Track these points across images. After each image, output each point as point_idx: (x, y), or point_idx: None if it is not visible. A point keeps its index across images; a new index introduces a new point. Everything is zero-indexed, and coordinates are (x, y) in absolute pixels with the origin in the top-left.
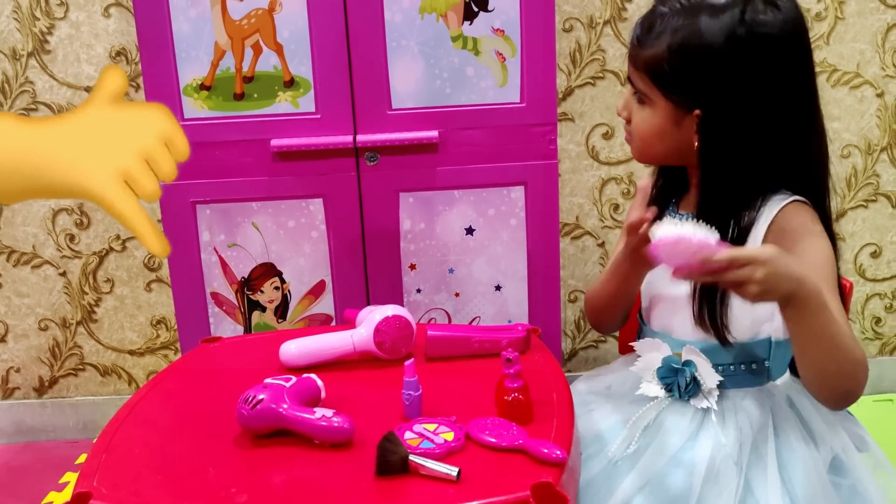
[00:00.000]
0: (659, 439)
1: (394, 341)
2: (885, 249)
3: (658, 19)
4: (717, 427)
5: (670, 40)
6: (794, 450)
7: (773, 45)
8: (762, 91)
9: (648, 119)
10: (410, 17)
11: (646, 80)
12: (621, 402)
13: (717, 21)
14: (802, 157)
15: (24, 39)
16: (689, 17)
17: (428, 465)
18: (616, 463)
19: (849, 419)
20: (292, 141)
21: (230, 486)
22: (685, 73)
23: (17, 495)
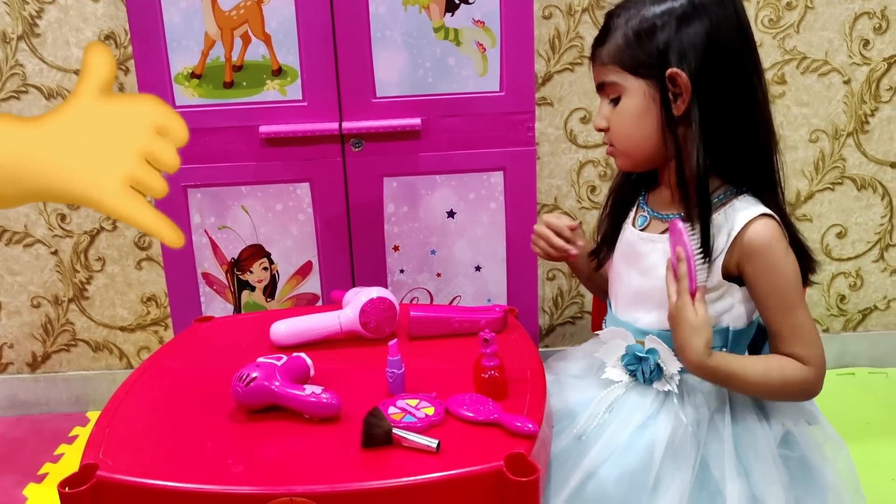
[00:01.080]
0: (623, 416)
1: (378, 322)
2: (850, 230)
3: (612, 20)
4: (678, 406)
5: (626, 27)
6: (748, 427)
7: (715, 16)
8: (712, 57)
9: (626, 107)
10: (394, 9)
11: (615, 69)
12: (591, 381)
13: (663, 4)
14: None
15: (14, 23)
16: (638, 7)
17: (410, 438)
18: (583, 437)
19: None
20: (280, 127)
21: (226, 458)
22: (645, 46)
23: (13, 466)
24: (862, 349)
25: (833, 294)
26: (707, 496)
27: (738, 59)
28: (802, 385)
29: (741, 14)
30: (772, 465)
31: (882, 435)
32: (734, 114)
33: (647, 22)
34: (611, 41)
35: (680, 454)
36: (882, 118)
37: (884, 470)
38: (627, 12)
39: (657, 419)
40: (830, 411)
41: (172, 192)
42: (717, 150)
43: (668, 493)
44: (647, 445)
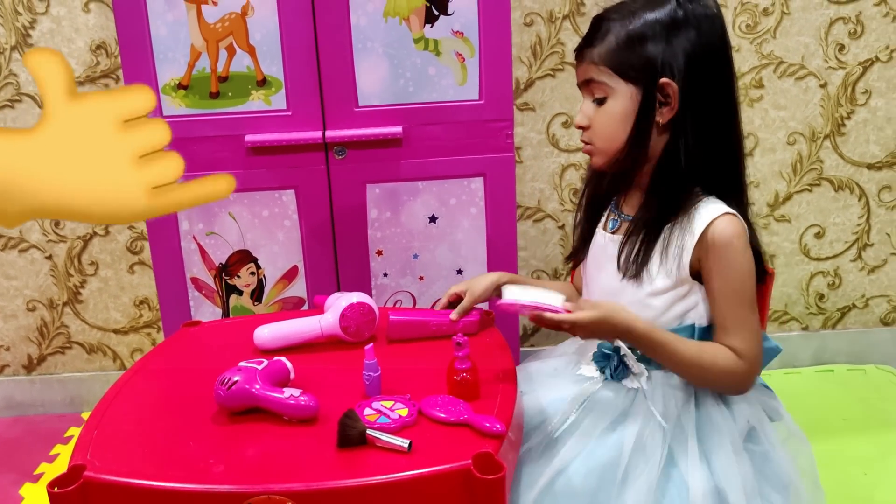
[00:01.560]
0: (594, 414)
1: (358, 326)
2: (828, 230)
3: (603, 22)
4: (646, 404)
5: (619, 31)
6: (713, 422)
7: (702, 29)
8: (698, 68)
9: (611, 109)
10: (375, 21)
11: (605, 70)
12: (564, 381)
13: (656, 11)
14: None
15: (7, 34)
16: (631, 13)
17: (383, 438)
18: (556, 434)
19: (765, 393)
20: (265, 136)
21: (208, 458)
22: (638, 52)
23: (10, 466)
24: (840, 347)
25: (812, 293)
26: (673, 488)
27: (722, 70)
28: (731, 376)
29: (724, 26)
30: (734, 459)
31: (857, 431)
32: (716, 122)
33: (642, 29)
34: (603, 43)
35: (648, 448)
36: (858, 121)
37: (857, 465)
38: (622, 17)
39: (626, 417)
40: (809, 407)
41: None
42: (695, 156)
43: (636, 485)
44: (617, 441)
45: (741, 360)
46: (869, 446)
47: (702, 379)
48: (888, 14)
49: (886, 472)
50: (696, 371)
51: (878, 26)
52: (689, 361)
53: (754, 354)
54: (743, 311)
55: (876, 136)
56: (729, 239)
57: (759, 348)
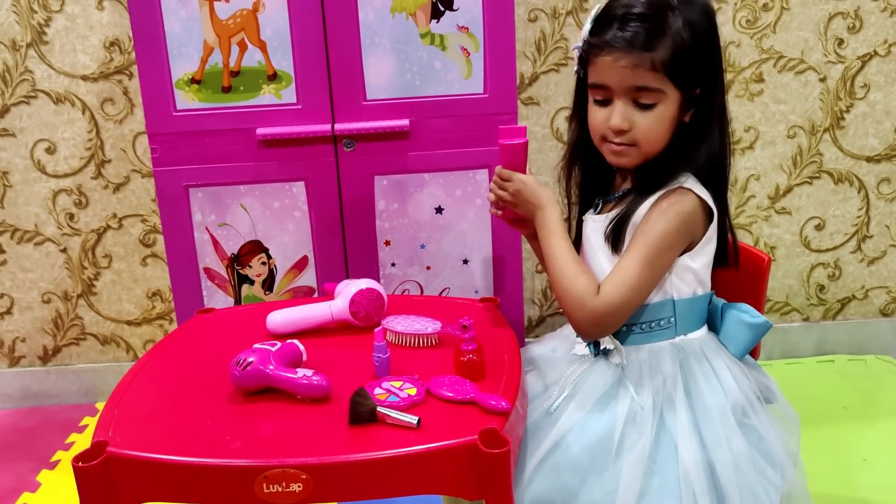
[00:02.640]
0: (586, 389)
1: (367, 311)
2: (828, 223)
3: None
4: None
5: (675, 37)
6: (703, 394)
7: (712, 23)
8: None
9: (662, 114)
10: (382, 16)
11: (662, 78)
12: (561, 361)
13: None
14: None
15: (24, 31)
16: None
17: (392, 415)
18: (552, 409)
19: (758, 370)
20: (276, 129)
21: (225, 435)
22: (695, 62)
23: (28, 454)
24: (841, 337)
25: (812, 284)
26: (666, 457)
27: (719, 59)
28: (578, 302)
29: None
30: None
31: (857, 419)
32: (717, 119)
33: (691, 34)
34: (659, 48)
35: (639, 421)
36: (857, 114)
37: (857, 451)
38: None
39: (617, 390)
40: (810, 396)
41: (174, 191)
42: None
43: (631, 455)
44: (610, 414)
45: (597, 296)
46: (869, 433)
47: (557, 286)
48: (886, 9)
49: (885, 458)
50: (555, 280)
51: (876, 21)
52: (557, 265)
53: (611, 300)
54: (634, 264)
55: (875, 130)
56: (664, 202)
57: (622, 303)
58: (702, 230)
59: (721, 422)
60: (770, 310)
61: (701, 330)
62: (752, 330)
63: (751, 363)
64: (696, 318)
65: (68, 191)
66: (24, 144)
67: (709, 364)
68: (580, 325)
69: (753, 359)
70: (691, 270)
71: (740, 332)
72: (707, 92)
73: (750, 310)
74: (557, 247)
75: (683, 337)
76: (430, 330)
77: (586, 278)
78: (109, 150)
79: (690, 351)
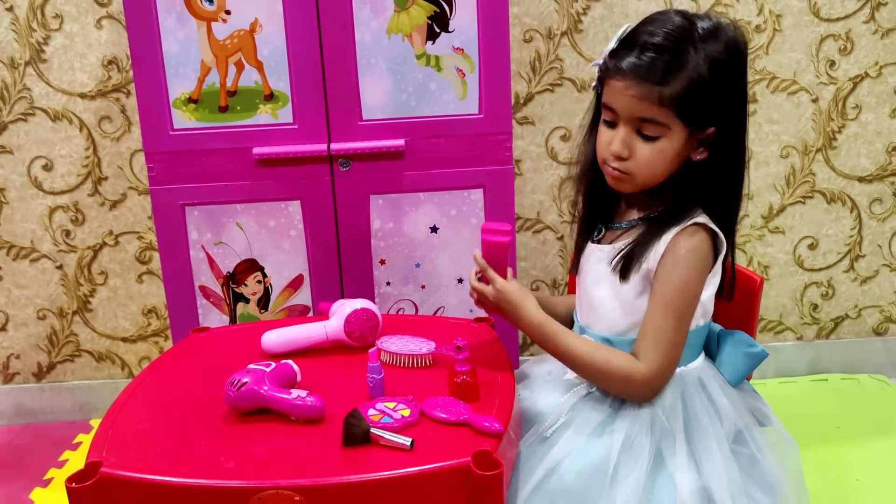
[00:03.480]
0: (583, 416)
1: (362, 331)
2: (822, 242)
3: (664, 55)
4: (634, 406)
5: (692, 73)
6: (701, 424)
7: (739, 61)
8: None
9: (664, 148)
10: (379, 37)
11: (670, 113)
12: (557, 384)
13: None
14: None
15: (22, 49)
16: (690, 51)
17: (386, 437)
18: (547, 435)
19: (754, 397)
20: (272, 149)
21: (219, 455)
22: (709, 101)
23: (21, 472)
24: (834, 356)
25: (806, 303)
26: (662, 487)
27: (745, 99)
28: (625, 379)
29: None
30: (720, 460)
31: (851, 438)
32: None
33: (709, 73)
34: (672, 82)
35: (636, 448)
36: (849, 135)
37: (850, 470)
38: (682, 48)
39: (615, 418)
40: (804, 415)
41: (171, 209)
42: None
43: (626, 483)
44: (606, 441)
45: (640, 364)
46: (862, 453)
47: (595, 376)
48: (877, 31)
49: (879, 478)
50: (589, 368)
51: (867, 43)
52: (579, 356)
53: (658, 365)
54: (667, 321)
55: (867, 150)
56: (684, 247)
57: (667, 363)
58: (712, 263)
59: (718, 450)
60: (764, 329)
61: (699, 359)
62: (749, 359)
63: (746, 388)
64: (696, 349)
65: (65, 208)
66: (21, 161)
67: (706, 393)
68: (637, 399)
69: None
70: (701, 305)
71: (737, 360)
72: (725, 132)
73: (747, 338)
74: (567, 342)
75: (683, 368)
76: (424, 350)
77: (618, 355)
78: (106, 167)
79: (689, 380)
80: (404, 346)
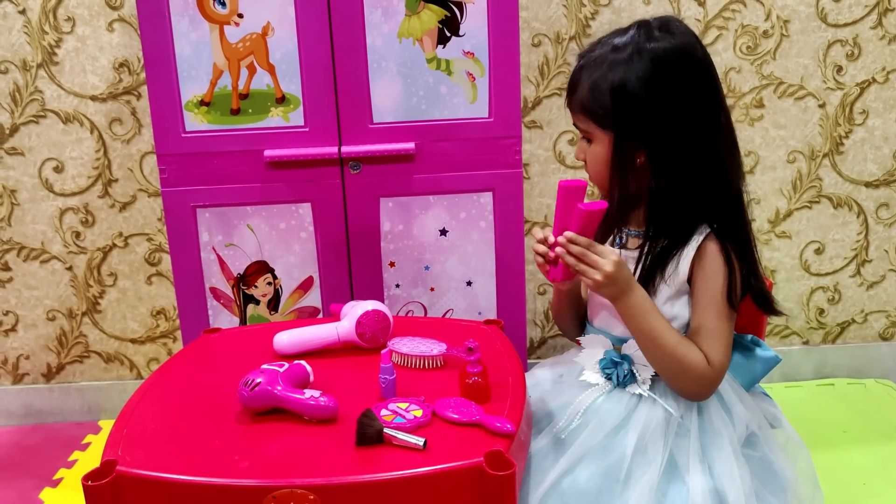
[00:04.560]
0: (599, 418)
1: (373, 332)
2: (828, 247)
3: (579, 72)
4: (649, 408)
5: (587, 81)
6: (714, 427)
7: (672, 66)
8: (672, 112)
9: (595, 152)
10: (389, 41)
11: (583, 118)
12: (570, 386)
13: (620, 55)
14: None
15: (34, 52)
16: (598, 61)
17: (399, 437)
18: (562, 437)
19: (765, 400)
20: (283, 151)
21: (233, 455)
22: (603, 101)
23: (30, 471)
24: (840, 361)
25: (812, 308)
26: (674, 489)
27: (695, 105)
28: (698, 377)
29: (689, 49)
30: (734, 462)
31: (857, 442)
32: (693, 159)
33: (607, 77)
34: (577, 92)
35: (649, 450)
36: (856, 140)
37: (856, 475)
38: (590, 64)
39: (629, 421)
40: (810, 419)
41: (182, 211)
42: (680, 195)
43: (639, 485)
44: (620, 444)
45: (709, 365)
46: (868, 457)
47: (670, 369)
48: (884, 37)
49: (885, 482)
50: (668, 359)
51: (874, 49)
52: (666, 344)
53: (721, 363)
54: (718, 320)
55: (873, 155)
56: (714, 252)
57: (727, 359)
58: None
59: (731, 453)
60: (770, 333)
61: None
62: (762, 363)
63: (757, 392)
64: None
65: (75, 209)
66: (32, 163)
67: (719, 396)
68: (701, 395)
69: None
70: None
71: (750, 364)
72: (661, 135)
73: (760, 343)
74: (661, 327)
75: None
76: (435, 352)
77: (696, 350)
78: (116, 169)
79: None
80: (415, 347)
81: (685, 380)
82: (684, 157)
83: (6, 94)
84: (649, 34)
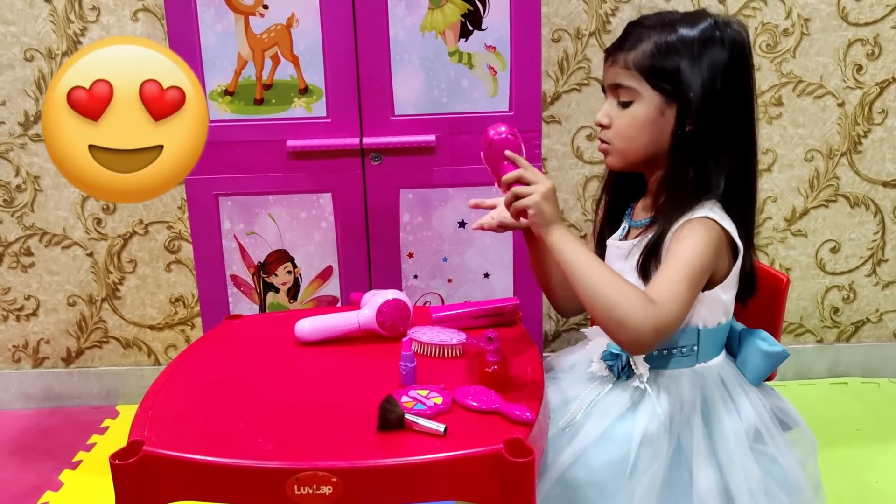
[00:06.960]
0: (603, 409)
1: (393, 321)
2: (844, 246)
3: (639, 29)
4: (654, 401)
5: (657, 39)
6: (721, 420)
7: (733, 52)
8: (724, 87)
9: (635, 113)
10: (412, 34)
11: (635, 76)
12: (581, 377)
13: (693, 28)
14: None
15: (59, 40)
16: (669, 25)
17: (420, 423)
18: (569, 427)
19: (773, 395)
20: (305, 142)
21: (257, 437)
22: (670, 64)
23: (50, 453)
24: (855, 360)
25: (827, 306)
26: (680, 482)
27: (742, 92)
28: (632, 313)
29: (749, 49)
30: (739, 456)
31: (870, 441)
32: (729, 140)
33: (676, 42)
34: (637, 49)
35: (655, 444)
36: (874, 139)
37: (870, 473)
38: (658, 26)
39: (635, 412)
40: (823, 418)
41: (204, 199)
42: (705, 170)
43: (644, 478)
44: (626, 436)
45: (653, 304)
46: (882, 456)
47: (603, 302)
48: None
49: None
50: (601, 290)
51: (895, 48)
52: (598, 274)
53: (667, 311)
54: (678, 276)
55: (892, 155)
56: (693, 227)
57: (674, 316)
58: (728, 261)
59: (737, 447)
60: (784, 331)
61: (719, 356)
62: (770, 358)
63: (766, 387)
64: (717, 346)
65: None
66: None
67: (726, 390)
68: (635, 344)
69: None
70: (721, 302)
71: (758, 359)
72: (709, 105)
73: (768, 337)
74: (595, 258)
75: (703, 364)
76: (455, 341)
77: (629, 286)
78: None
79: (710, 377)
80: (435, 336)
81: (617, 314)
82: (727, 133)
83: (31, 82)
84: (722, 23)
